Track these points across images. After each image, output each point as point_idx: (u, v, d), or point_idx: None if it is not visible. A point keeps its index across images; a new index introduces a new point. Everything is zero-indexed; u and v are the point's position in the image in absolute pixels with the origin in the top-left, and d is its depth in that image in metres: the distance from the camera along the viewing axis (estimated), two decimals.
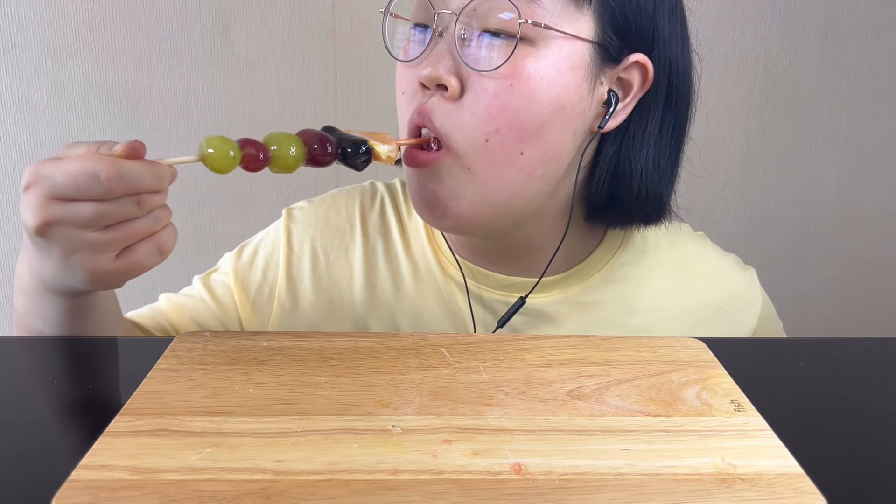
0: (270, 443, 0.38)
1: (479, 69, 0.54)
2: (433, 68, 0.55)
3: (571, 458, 0.37)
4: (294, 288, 0.68)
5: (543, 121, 0.55)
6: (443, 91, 0.55)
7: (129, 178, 0.44)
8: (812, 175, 1.41)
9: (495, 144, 0.55)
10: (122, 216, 0.45)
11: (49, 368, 0.50)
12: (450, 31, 0.55)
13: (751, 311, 0.69)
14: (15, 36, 1.23)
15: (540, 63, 0.54)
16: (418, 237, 0.68)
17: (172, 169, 0.47)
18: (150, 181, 0.45)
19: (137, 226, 0.46)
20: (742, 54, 1.33)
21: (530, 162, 0.56)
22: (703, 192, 1.40)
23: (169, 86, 1.27)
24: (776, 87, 1.36)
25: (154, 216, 0.47)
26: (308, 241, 0.69)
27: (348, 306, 0.67)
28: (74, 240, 0.46)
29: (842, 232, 1.45)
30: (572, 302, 0.65)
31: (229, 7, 1.25)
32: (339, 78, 1.29)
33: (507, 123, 0.54)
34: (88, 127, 1.28)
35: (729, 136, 1.38)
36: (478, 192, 0.56)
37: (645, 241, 0.68)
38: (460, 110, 0.55)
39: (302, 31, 1.27)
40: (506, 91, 0.54)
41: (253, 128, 1.30)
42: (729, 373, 0.47)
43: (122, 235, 0.46)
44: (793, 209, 1.43)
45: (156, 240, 0.48)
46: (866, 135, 1.40)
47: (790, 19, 1.33)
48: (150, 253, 0.48)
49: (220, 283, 0.69)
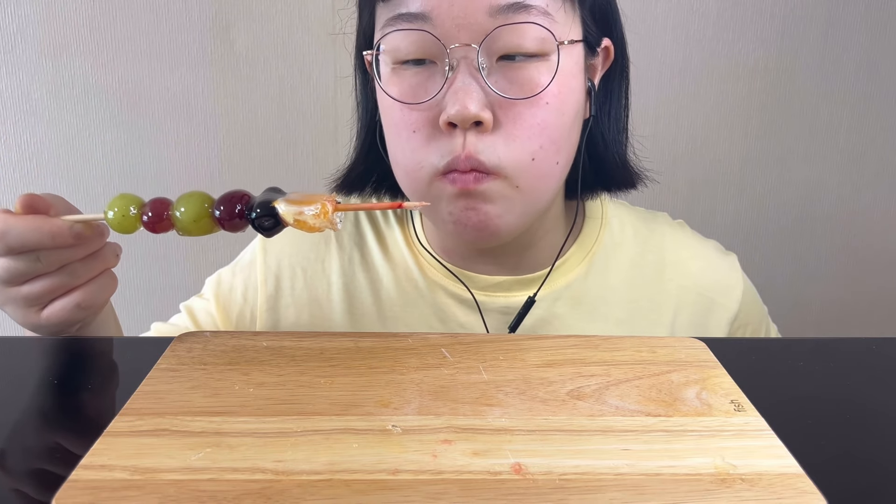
0: (270, 443, 0.38)
1: (516, 97, 0.53)
2: (462, 106, 0.52)
3: (571, 458, 0.37)
4: (274, 307, 0.68)
5: (570, 126, 0.57)
6: (475, 126, 0.53)
7: (15, 236, 0.45)
8: (812, 175, 1.41)
9: (540, 160, 0.55)
10: (29, 272, 0.47)
11: (49, 368, 0.50)
12: (469, 63, 0.53)
13: (732, 295, 0.69)
14: (15, 36, 1.23)
15: (561, 75, 0.54)
16: (396, 244, 0.68)
17: (79, 226, 0.46)
18: (37, 238, 0.45)
19: (50, 281, 0.47)
20: (742, 54, 1.33)
21: (562, 167, 0.58)
22: (704, 192, 1.40)
23: (169, 86, 1.27)
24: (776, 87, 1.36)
25: (67, 272, 0.48)
26: (285, 259, 0.68)
27: (328, 319, 0.67)
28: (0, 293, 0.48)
29: (842, 232, 1.45)
30: (556, 297, 0.66)
31: (229, 7, 1.25)
32: (339, 78, 1.29)
33: (548, 139, 0.55)
34: (88, 127, 1.28)
35: (729, 136, 1.38)
36: (524, 206, 0.57)
37: (623, 231, 0.69)
38: (503, 140, 0.54)
39: (302, 31, 1.27)
40: (543, 111, 0.54)
41: (253, 128, 1.30)
42: (729, 373, 0.47)
43: (39, 290, 0.47)
44: (793, 209, 1.43)
45: (73, 295, 0.49)
46: (866, 135, 1.40)
47: (790, 19, 1.33)
48: (69, 308, 0.49)
49: (203, 311, 0.69)
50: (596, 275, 0.67)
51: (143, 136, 1.29)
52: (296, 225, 0.45)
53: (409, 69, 0.55)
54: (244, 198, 0.47)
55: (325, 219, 0.44)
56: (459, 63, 0.53)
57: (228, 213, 0.46)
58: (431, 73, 0.54)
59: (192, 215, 0.46)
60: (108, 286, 0.51)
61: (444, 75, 0.53)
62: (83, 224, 0.47)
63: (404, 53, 0.54)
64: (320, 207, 0.44)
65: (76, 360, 0.52)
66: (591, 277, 0.67)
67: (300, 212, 0.45)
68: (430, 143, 0.55)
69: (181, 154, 1.31)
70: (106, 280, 0.51)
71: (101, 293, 0.50)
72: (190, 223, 0.46)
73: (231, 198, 0.46)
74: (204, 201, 0.47)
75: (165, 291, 1.31)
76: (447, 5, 0.52)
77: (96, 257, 0.49)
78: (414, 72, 0.55)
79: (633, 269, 0.68)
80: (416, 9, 0.52)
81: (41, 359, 0.50)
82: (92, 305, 0.50)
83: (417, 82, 0.55)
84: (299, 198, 0.45)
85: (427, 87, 0.54)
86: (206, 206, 0.47)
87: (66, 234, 0.46)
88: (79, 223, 0.47)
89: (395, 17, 0.54)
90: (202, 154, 1.31)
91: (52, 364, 0.50)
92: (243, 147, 1.31)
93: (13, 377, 0.49)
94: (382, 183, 0.66)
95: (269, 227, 0.46)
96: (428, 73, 0.54)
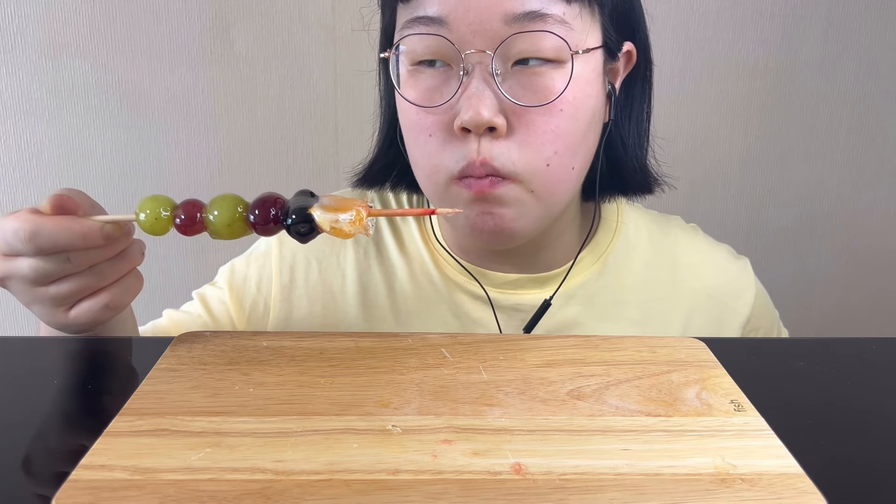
0: (270, 443, 0.38)
1: (530, 104, 0.53)
2: (475, 112, 0.52)
3: (571, 458, 0.37)
4: (288, 297, 0.68)
5: (586, 132, 0.57)
6: (489, 131, 0.54)
7: (46, 237, 0.44)
8: (812, 175, 1.41)
9: (555, 165, 0.55)
10: (58, 273, 0.46)
11: (49, 368, 0.50)
12: (483, 69, 0.53)
13: (743, 299, 0.69)
14: (15, 36, 1.23)
15: (577, 81, 0.54)
16: (412, 238, 0.69)
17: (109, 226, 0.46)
18: (69, 239, 0.45)
19: (78, 282, 0.47)
20: (742, 54, 1.33)
21: (578, 171, 0.58)
22: (704, 192, 1.40)
23: (169, 86, 1.27)
24: (776, 87, 1.36)
25: (95, 272, 0.48)
26: (300, 250, 0.69)
27: (342, 311, 0.67)
28: (26, 293, 0.48)
29: (842, 232, 1.45)
30: (570, 295, 0.66)
31: (229, 7, 1.25)
32: (339, 78, 1.29)
33: (563, 145, 0.55)
34: (88, 127, 1.28)
35: (729, 136, 1.38)
36: (540, 210, 0.58)
37: (637, 233, 0.69)
38: (518, 146, 0.54)
39: (302, 31, 1.27)
40: (557, 117, 0.54)
41: (253, 128, 1.30)
42: (729, 373, 0.47)
43: (68, 291, 0.47)
44: (793, 209, 1.43)
45: (101, 296, 0.49)
46: (866, 135, 1.40)
47: (790, 19, 1.33)
48: (97, 309, 0.49)
49: (216, 299, 0.69)
50: (609, 275, 0.67)
51: (143, 136, 1.29)
52: (332, 232, 0.45)
53: (425, 71, 0.55)
54: (278, 202, 0.46)
55: (360, 225, 0.45)
56: (474, 68, 0.53)
57: (263, 218, 0.46)
58: (447, 77, 0.55)
59: (225, 219, 0.46)
60: (135, 286, 0.51)
61: (459, 79, 0.53)
62: (113, 224, 0.46)
63: (421, 55, 0.55)
64: (355, 214, 0.44)
65: (76, 360, 0.52)
66: (605, 278, 0.67)
67: (336, 219, 0.45)
68: (446, 147, 0.55)
69: (181, 154, 1.31)
70: (132, 280, 0.50)
71: (128, 293, 0.50)
72: (223, 227, 0.46)
73: (265, 202, 0.46)
74: (237, 204, 0.46)
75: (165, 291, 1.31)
76: (463, 11, 0.52)
77: (123, 257, 0.49)
78: (430, 74, 0.55)
79: (646, 270, 0.68)
80: (434, 13, 0.53)
81: (41, 359, 0.50)
82: (120, 305, 0.50)
83: (434, 85, 0.55)
84: (334, 203, 0.45)
85: (443, 90, 0.55)
86: (240, 209, 0.46)
87: (97, 235, 0.45)
88: (109, 224, 0.46)
89: (414, 19, 0.54)
90: (202, 154, 1.31)
91: (52, 364, 0.50)
92: (243, 147, 1.31)
93: (13, 377, 0.49)
94: (403, 177, 0.67)
95: (305, 233, 0.46)
96: (444, 76, 0.55)
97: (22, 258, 0.46)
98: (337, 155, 1.33)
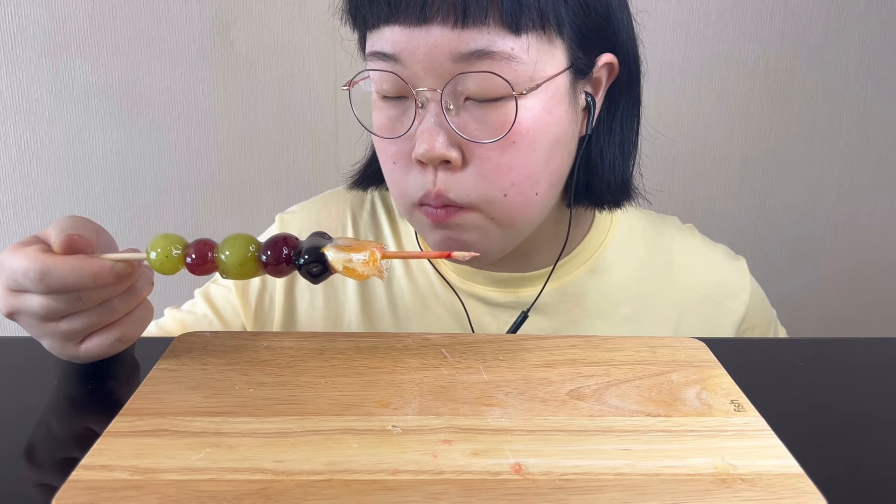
0: (270, 443, 0.38)
1: (479, 141, 0.53)
2: (429, 147, 0.53)
3: (571, 458, 0.37)
4: (291, 291, 0.69)
5: (547, 158, 0.56)
6: (444, 163, 0.54)
7: (56, 278, 0.44)
8: (812, 175, 1.41)
9: (513, 195, 0.55)
10: (68, 310, 0.46)
11: (49, 368, 0.50)
12: (436, 104, 0.53)
13: (739, 299, 0.69)
14: (15, 36, 1.23)
15: (532, 112, 0.53)
16: (410, 238, 0.70)
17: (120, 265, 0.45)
18: (79, 280, 0.44)
19: (89, 318, 0.47)
20: (742, 54, 1.33)
21: (543, 196, 0.58)
22: (703, 192, 1.40)
23: (169, 86, 1.27)
24: (776, 87, 1.36)
25: (107, 308, 0.47)
26: None
27: (342, 305, 0.69)
28: (36, 328, 0.47)
29: (842, 232, 1.45)
30: (561, 293, 0.66)
31: (229, 7, 1.25)
32: (339, 78, 1.29)
33: (519, 176, 0.55)
34: (88, 127, 1.28)
35: (729, 136, 1.38)
36: (504, 234, 0.58)
37: (632, 232, 0.69)
38: (472, 178, 0.54)
39: (302, 31, 1.27)
40: (511, 150, 0.54)
41: (253, 128, 1.30)
42: (729, 373, 0.47)
43: (79, 326, 0.47)
44: (793, 209, 1.43)
45: (113, 331, 0.48)
46: (866, 134, 1.40)
47: (790, 19, 1.32)
48: (108, 343, 0.48)
49: (221, 296, 0.70)
50: (603, 272, 0.67)
51: (143, 136, 1.29)
52: (345, 272, 0.45)
53: (388, 101, 0.56)
54: (290, 242, 0.46)
55: (373, 266, 0.44)
56: (428, 102, 0.53)
57: (275, 258, 0.45)
58: (406, 108, 0.55)
59: (237, 259, 0.45)
60: (146, 318, 0.50)
61: (415, 112, 0.54)
62: (123, 262, 0.46)
63: (380, 88, 0.56)
64: (369, 255, 0.44)
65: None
66: (598, 275, 0.67)
67: (349, 259, 0.44)
68: (408, 174, 0.56)
69: (181, 154, 1.31)
70: (143, 311, 0.50)
71: (139, 325, 0.50)
72: (234, 267, 0.45)
73: (277, 242, 0.46)
74: (249, 244, 0.46)
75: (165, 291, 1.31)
76: (413, 49, 0.52)
77: (133, 290, 0.48)
78: (392, 104, 0.56)
79: (640, 268, 0.68)
80: (388, 50, 0.53)
81: (41, 359, 0.50)
82: (131, 338, 0.50)
83: (395, 115, 0.56)
84: (347, 243, 0.45)
85: (403, 120, 0.55)
86: (252, 249, 0.46)
87: (108, 274, 0.45)
88: (120, 262, 0.45)
89: (373, 53, 0.55)
90: (202, 154, 1.31)
91: (52, 364, 0.50)
92: (243, 147, 1.31)
93: (13, 377, 0.49)
94: None
95: (318, 274, 0.45)
96: (403, 106, 0.55)
97: (31, 295, 0.45)
98: (337, 155, 1.33)
